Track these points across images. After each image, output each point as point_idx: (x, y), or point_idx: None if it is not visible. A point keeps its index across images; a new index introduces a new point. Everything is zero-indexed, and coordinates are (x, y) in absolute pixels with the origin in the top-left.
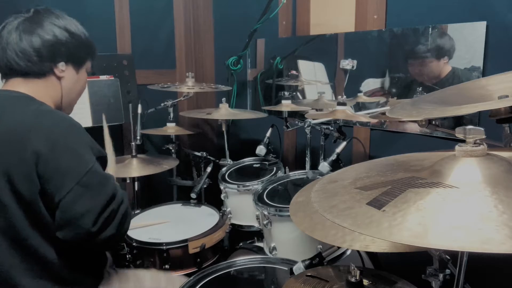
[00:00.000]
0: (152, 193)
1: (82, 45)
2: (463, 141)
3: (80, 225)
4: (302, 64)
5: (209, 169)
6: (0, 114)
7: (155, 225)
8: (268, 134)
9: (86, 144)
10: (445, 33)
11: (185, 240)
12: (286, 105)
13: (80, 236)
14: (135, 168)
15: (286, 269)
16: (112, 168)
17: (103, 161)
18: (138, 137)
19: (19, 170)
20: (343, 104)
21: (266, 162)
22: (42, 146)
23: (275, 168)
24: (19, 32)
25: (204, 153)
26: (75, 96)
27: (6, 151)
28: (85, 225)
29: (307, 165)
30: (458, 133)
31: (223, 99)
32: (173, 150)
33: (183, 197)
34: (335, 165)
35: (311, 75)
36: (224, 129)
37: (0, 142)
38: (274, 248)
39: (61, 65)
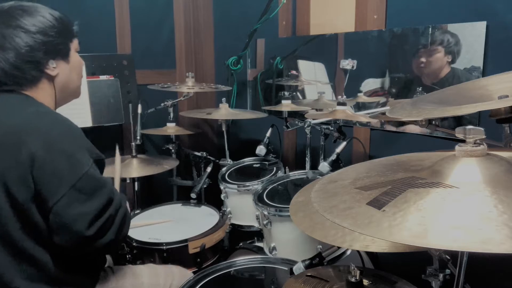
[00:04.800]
0: (152, 193)
1: (58, 35)
2: (463, 141)
3: (73, 229)
4: (302, 64)
5: (209, 169)
6: None
7: (158, 224)
8: (268, 134)
9: (83, 147)
10: (446, 32)
11: (185, 240)
12: (286, 105)
13: (75, 241)
14: (135, 168)
15: (286, 269)
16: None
17: (100, 164)
18: (138, 137)
19: (14, 173)
20: (343, 104)
21: (266, 162)
22: (38, 149)
23: (275, 168)
24: None
25: (204, 153)
26: (76, 79)
27: (2, 152)
28: (78, 229)
29: (307, 165)
30: (458, 133)
31: (223, 99)
32: (173, 150)
33: (183, 197)
34: (335, 165)
35: (311, 75)
36: (224, 129)
37: None
38: (274, 248)
39: (51, 63)
